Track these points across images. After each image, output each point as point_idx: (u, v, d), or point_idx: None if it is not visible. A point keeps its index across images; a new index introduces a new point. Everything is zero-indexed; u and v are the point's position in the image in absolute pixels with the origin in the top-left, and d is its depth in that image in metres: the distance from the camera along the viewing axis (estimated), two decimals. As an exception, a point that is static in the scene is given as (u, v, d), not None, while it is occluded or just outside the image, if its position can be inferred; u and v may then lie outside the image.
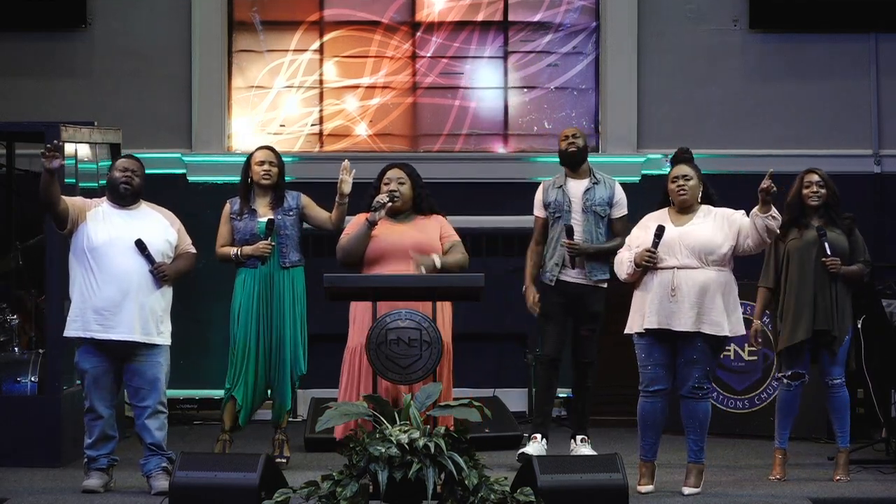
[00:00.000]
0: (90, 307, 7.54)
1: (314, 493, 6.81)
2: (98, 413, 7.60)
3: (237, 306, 8.42)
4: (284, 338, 8.42)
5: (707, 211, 7.75)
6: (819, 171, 8.16)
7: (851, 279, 8.11)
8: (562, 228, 8.43)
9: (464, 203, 10.50)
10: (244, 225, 8.43)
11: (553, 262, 8.52)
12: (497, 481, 6.82)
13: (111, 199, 7.73)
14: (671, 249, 7.60)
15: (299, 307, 8.47)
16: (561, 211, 8.52)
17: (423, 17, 11.19)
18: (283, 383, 8.44)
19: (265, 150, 8.65)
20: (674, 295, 7.55)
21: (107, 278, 7.53)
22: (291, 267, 8.47)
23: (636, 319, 7.68)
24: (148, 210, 7.78)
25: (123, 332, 7.52)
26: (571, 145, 8.62)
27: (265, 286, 8.40)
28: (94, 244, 7.57)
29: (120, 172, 7.71)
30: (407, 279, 7.45)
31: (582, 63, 11.19)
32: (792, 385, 8.07)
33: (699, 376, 7.62)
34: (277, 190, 8.51)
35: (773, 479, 8.04)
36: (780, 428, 8.14)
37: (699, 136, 10.80)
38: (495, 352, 10.50)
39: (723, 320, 7.60)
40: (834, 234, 8.06)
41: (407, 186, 7.93)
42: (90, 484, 7.55)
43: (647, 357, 7.65)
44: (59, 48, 10.95)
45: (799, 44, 11.05)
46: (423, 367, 7.12)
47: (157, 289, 7.61)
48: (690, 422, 7.68)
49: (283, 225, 8.43)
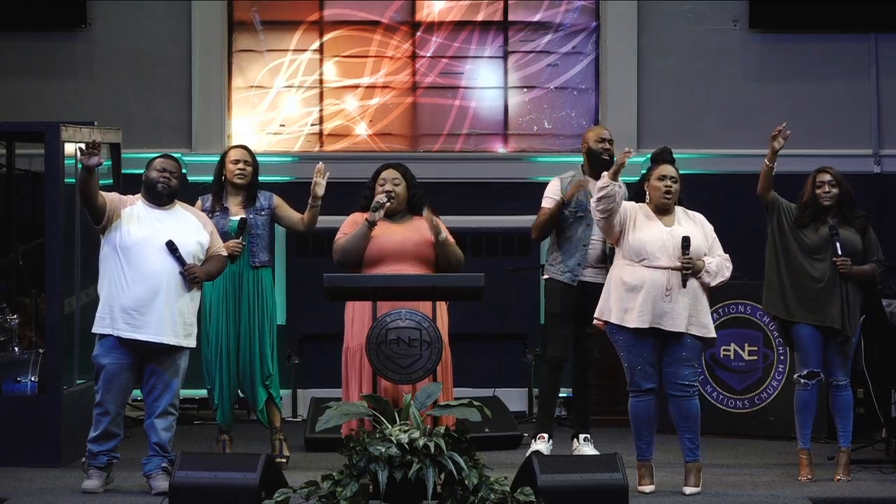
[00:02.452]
0: (118, 306, 7.48)
1: (314, 493, 6.81)
2: (106, 409, 7.56)
3: (208, 304, 8.41)
4: (253, 337, 8.42)
5: (684, 213, 7.72)
6: (831, 170, 8.11)
7: (863, 279, 8.09)
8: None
9: (464, 203, 10.51)
10: (216, 222, 8.40)
11: (575, 261, 8.47)
12: (497, 481, 6.82)
13: (146, 198, 7.66)
14: (664, 249, 7.55)
15: (268, 307, 8.47)
16: (584, 210, 8.44)
17: (423, 17, 11.20)
18: (255, 384, 8.44)
19: (240, 149, 8.64)
20: (668, 294, 7.54)
21: (137, 278, 7.48)
22: (261, 267, 8.46)
23: (616, 313, 7.58)
24: (182, 211, 7.72)
25: (152, 333, 7.47)
26: (607, 152, 8.52)
27: (234, 285, 8.40)
28: (126, 243, 7.50)
29: (158, 173, 7.63)
30: (407, 279, 7.45)
31: (582, 63, 11.20)
32: (809, 384, 8.02)
33: (688, 374, 7.61)
34: (250, 189, 8.51)
35: (803, 480, 7.96)
36: (801, 428, 8.05)
37: (699, 136, 10.81)
38: (495, 352, 10.50)
39: (708, 322, 7.61)
40: (846, 234, 8.03)
41: (402, 187, 7.93)
42: (89, 485, 7.53)
43: (636, 357, 7.59)
44: (59, 48, 10.96)
45: (799, 44, 11.05)
46: (423, 366, 7.12)
47: (186, 291, 7.56)
48: (683, 421, 7.65)
49: (254, 224, 8.42)
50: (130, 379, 7.61)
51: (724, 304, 9.67)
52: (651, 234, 7.58)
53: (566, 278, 8.50)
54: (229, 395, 8.48)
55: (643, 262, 7.57)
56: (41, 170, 8.87)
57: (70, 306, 8.76)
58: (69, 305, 8.74)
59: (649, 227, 7.61)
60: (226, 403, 8.48)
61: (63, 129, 8.63)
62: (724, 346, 9.74)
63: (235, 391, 8.51)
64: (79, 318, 8.82)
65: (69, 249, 8.73)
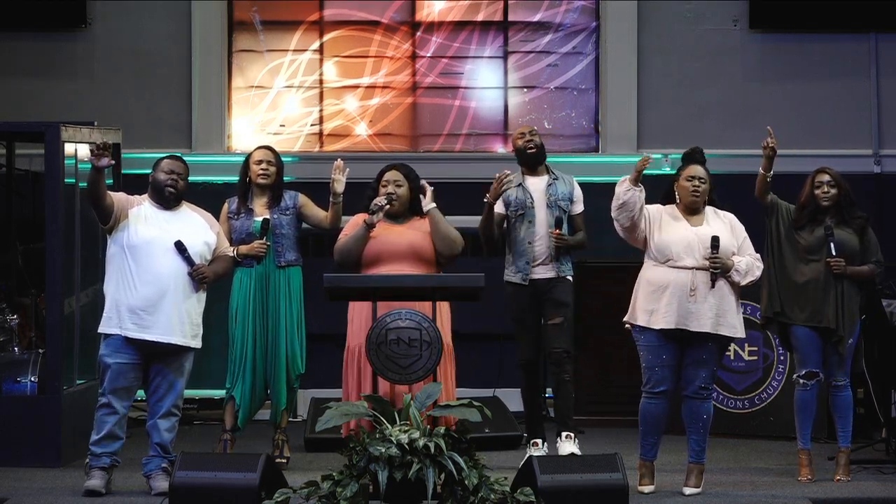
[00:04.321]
0: (125, 306, 7.48)
1: (314, 493, 6.81)
2: (114, 409, 7.54)
3: (235, 306, 8.43)
4: (280, 337, 8.42)
5: (714, 213, 7.74)
6: (830, 171, 8.11)
7: (860, 279, 8.09)
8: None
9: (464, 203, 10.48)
10: (241, 224, 8.44)
11: (524, 261, 8.45)
12: (497, 481, 6.82)
13: (153, 199, 7.66)
14: (690, 249, 7.56)
15: (296, 306, 8.47)
16: (524, 208, 8.45)
17: (423, 17, 11.20)
18: (280, 383, 8.44)
19: (264, 149, 8.66)
20: (693, 295, 7.53)
21: (145, 278, 7.48)
22: (287, 266, 8.47)
23: (642, 315, 7.61)
24: (189, 212, 7.73)
25: (159, 334, 7.48)
26: (530, 143, 8.55)
27: (261, 285, 8.41)
28: (133, 243, 7.51)
29: (165, 175, 7.63)
30: (407, 279, 7.45)
31: (582, 63, 11.20)
32: (808, 384, 8.02)
33: (706, 376, 7.62)
34: (275, 189, 8.52)
35: (802, 480, 7.97)
36: (801, 428, 8.06)
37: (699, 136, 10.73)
38: (495, 352, 10.49)
39: (737, 322, 7.62)
40: (843, 234, 8.03)
41: (404, 188, 7.93)
42: (92, 484, 7.52)
43: (656, 358, 7.60)
44: (59, 48, 10.96)
45: (799, 44, 11.05)
46: (423, 367, 7.12)
47: (194, 291, 7.58)
48: (693, 422, 7.67)
49: (279, 224, 8.43)
50: (136, 379, 7.61)
51: (724, 305, 9.67)
52: (677, 234, 7.60)
53: (518, 279, 8.49)
54: (252, 397, 8.42)
55: (668, 262, 7.58)
56: (41, 170, 8.87)
57: (70, 306, 8.76)
58: (69, 305, 8.75)
59: (675, 228, 7.63)
60: (247, 405, 8.41)
61: (63, 129, 8.63)
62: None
63: (263, 392, 8.48)
64: (79, 318, 8.82)
65: (69, 249, 8.73)
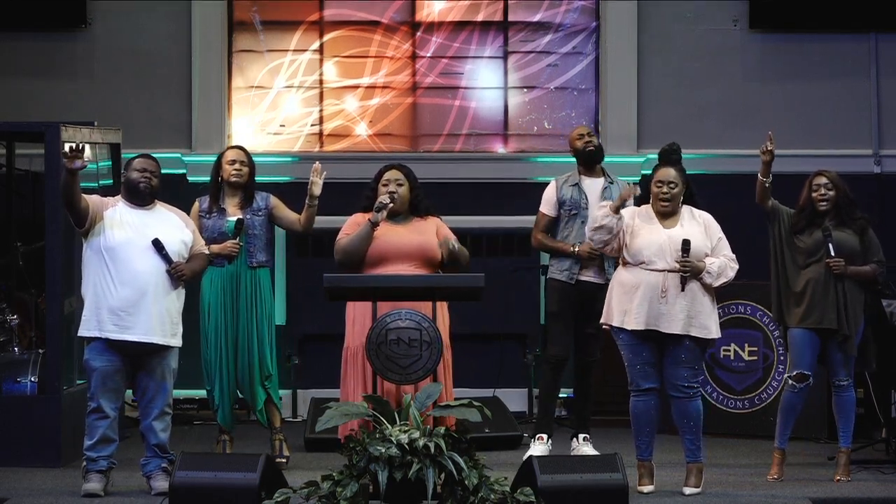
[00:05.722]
0: (105, 307, 7.46)
1: (314, 493, 6.81)
2: (104, 413, 7.53)
3: (206, 305, 8.43)
4: (252, 338, 8.42)
5: (690, 213, 7.72)
6: (827, 174, 8.10)
7: (861, 279, 8.08)
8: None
9: (464, 203, 10.51)
10: (213, 223, 8.42)
11: (572, 260, 8.47)
12: (497, 481, 6.82)
13: (127, 198, 7.65)
14: (661, 252, 7.56)
15: (266, 307, 8.47)
16: (578, 208, 8.48)
17: (423, 17, 11.20)
18: (252, 383, 8.45)
19: (236, 149, 8.66)
20: (664, 297, 7.53)
21: (124, 279, 7.46)
22: (258, 267, 8.47)
23: (617, 315, 7.62)
24: (163, 210, 7.72)
25: (141, 334, 7.47)
26: (590, 144, 8.58)
27: (232, 286, 8.41)
28: (110, 244, 7.49)
29: (138, 173, 7.62)
30: (407, 279, 7.45)
31: (582, 63, 11.20)
32: (797, 387, 8.03)
33: (688, 375, 7.61)
34: (247, 189, 8.52)
35: (771, 478, 8.03)
36: (781, 428, 8.11)
37: (699, 136, 10.81)
38: (495, 352, 10.50)
39: (710, 323, 7.60)
40: (842, 235, 8.03)
41: (405, 188, 7.92)
42: (90, 487, 7.50)
43: (635, 356, 7.61)
44: (59, 48, 10.96)
45: (799, 44, 11.05)
46: (423, 367, 7.12)
47: (172, 289, 7.56)
48: (684, 422, 7.66)
49: (251, 225, 8.43)
50: (123, 380, 7.61)
51: (724, 304, 9.65)
52: (649, 238, 7.59)
53: (564, 277, 8.51)
54: (229, 396, 8.49)
55: (641, 265, 7.58)
56: (41, 170, 8.87)
57: (70, 306, 8.75)
58: (69, 305, 8.74)
59: (648, 231, 7.62)
60: (226, 404, 8.48)
61: (63, 129, 8.63)
62: (724, 347, 9.74)
63: (235, 391, 8.52)
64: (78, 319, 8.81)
65: (69, 249, 8.72)
